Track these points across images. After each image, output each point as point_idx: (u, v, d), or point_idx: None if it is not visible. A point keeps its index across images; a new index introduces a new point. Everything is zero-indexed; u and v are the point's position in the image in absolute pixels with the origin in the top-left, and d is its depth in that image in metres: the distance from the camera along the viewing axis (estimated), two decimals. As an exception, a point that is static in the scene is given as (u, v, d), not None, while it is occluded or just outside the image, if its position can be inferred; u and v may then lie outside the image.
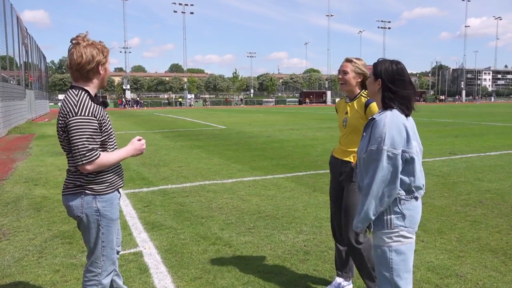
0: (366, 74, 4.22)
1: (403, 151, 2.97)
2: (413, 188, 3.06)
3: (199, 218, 7.02)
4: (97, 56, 3.23)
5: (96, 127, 3.17)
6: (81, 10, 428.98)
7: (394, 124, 2.97)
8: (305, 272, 4.96)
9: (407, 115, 3.09)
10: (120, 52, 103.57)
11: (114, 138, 3.43)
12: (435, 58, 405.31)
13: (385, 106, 3.10)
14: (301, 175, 10.48)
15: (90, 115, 3.14)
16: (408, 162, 3.01)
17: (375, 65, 3.17)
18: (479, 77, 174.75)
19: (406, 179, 3.02)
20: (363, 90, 4.29)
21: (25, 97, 33.63)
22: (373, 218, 3.02)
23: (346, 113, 4.33)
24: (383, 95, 3.12)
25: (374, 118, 3.06)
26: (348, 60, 4.27)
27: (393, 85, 3.07)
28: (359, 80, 4.26)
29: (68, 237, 6.17)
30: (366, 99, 4.20)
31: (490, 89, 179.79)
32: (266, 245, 5.79)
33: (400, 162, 2.95)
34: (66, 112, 3.15)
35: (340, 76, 4.32)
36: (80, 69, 3.23)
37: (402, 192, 3.04)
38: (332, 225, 4.62)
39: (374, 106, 4.08)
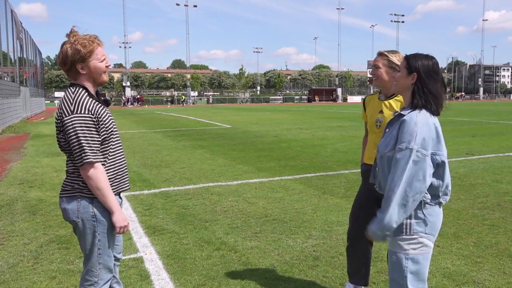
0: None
1: (433, 154, 2.95)
2: (439, 193, 3.04)
3: (203, 222, 7.02)
4: (72, 56, 3.19)
5: (94, 124, 3.16)
6: (81, 3, 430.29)
7: (425, 124, 2.95)
8: (314, 279, 4.95)
9: (435, 115, 3.07)
10: (120, 47, 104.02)
11: (117, 138, 3.41)
12: (451, 54, 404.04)
13: (415, 102, 3.07)
14: (310, 177, 10.48)
15: (86, 112, 3.13)
16: (439, 166, 2.99)
17: (408, 58, 3.13)
18: (497, 74, 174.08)
19: (435, 182, 3.00)
20: None
21: (20, 95, 33.76)
22: (395, 226, 2.97)
23: (381, 111, 4.23)
24: (415, 91, 3.08)
25: (403, 115, 3.02)
26: (379, 54, 4.20)
27: (428, 81, 3.05)
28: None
29: (65, 242, 6.18)
30: None
31: (509, 86, 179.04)
32: (273, 250, 5.79)
33: (428, 164, 2.92)
34: (62, 112, 3.16)
35: (372, 72, 4.27)
36: (62, 68, 3.30)
37: (428, 196, 3.01)
38: (349, 229, 4.57)
39: None
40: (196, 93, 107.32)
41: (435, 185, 3.01)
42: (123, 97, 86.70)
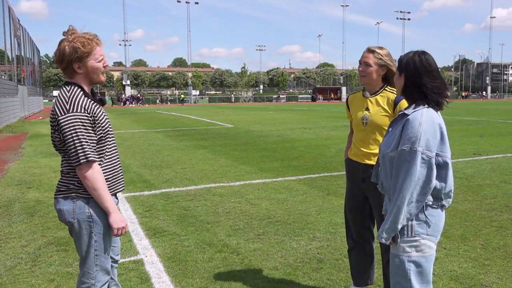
0: (390, 66, 4.10)
1: (437, 154, 2.95)
2: (442, 195, 3.04)
3: (205, 223, 7.02)
4: (69, 55, 3.18)
5: (90, 123, 3.16)
6: (82, 0, 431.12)
7: (430, 124, 2.94)
8: (318, 282, 4.95)
9: (438, 109, 3.07)
10: (120, 45, 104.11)
11: (113, 138, 3.41)
12: (458, 52, 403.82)
13: (413, 102, 3.07)
14: (314, 178, 10.47)
15: (82, 111, 3.13)
16: (441, 167, 2.99)
17: (400, 59, 3.14)
18: (505, 72, 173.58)
19: (437, 184, 2.99)
20: (386, 85, 4.17)
21: (17, 94, 33.78)
22: (399, 227, 2.98)
23: (367, 109, 4.19)
24: (408, 91, 3.08)
25: (407, 114, 3.01)
26: (370, 51, 4.12)
27: (418, 78, 3.02)
28: (383, 73, 4.13)
29: (64, 244, 6.19)
30: (395, 95, 4.07)
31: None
32: (277, 253, 5.79)
33: (434, 166, 2.92)
34: (56, 111, 3.15)
35: (361, 69, 4.17)
36: (59, 66, 3.31)
37: (430, 198, 3.01)
38: (349, 232, 4.58)
39: (405, 103, 4.02)
40: (197, 92, 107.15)
41: (437, 187, 3.00)
42: (123, 96, 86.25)
